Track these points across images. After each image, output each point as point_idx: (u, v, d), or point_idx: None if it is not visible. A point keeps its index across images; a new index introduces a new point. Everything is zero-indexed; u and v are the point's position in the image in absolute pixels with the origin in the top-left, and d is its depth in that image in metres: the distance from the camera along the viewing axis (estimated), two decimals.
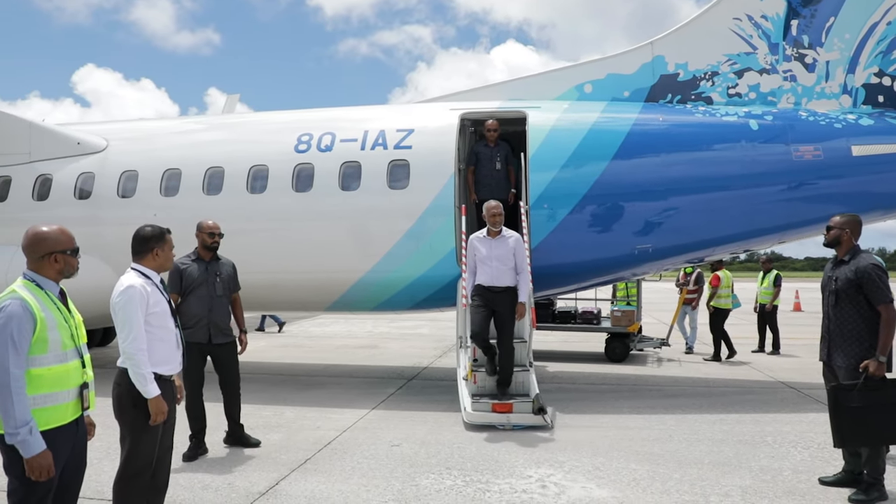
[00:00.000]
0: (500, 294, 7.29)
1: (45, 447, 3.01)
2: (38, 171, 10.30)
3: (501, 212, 7.45)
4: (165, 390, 3.95)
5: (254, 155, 9.55)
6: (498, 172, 9.05)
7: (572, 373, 10.82)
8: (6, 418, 2.96)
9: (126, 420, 3.90)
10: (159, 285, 4.06)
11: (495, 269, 7.28)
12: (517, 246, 7.35)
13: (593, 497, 4.97)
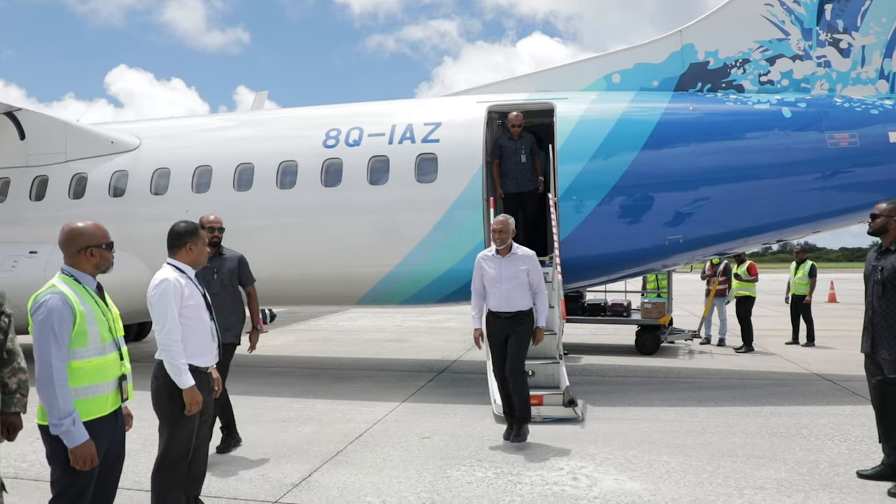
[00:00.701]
0: (510, 319, 6.38)
1: (87, 437, 3.08)
2: (73, 170, 10.51)
3: (506, 227, 6.43)
4: (201, 382, 4.02)
5: (283, 151, 9.64)
6: (523, 165, 8.95)
7: (602, 365, 10.76)
8: (50, 410, 3.03)
9: (163, 411, 3.98)
10: (194, 279, 4.13)
11: (505, 291, 6.38)
12: (531, 264, 6.45)
13: (625, 489, 4.95)
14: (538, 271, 6.49)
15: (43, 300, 3.10)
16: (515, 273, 6.38)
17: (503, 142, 9.05)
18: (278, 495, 4.93)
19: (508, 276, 6.38)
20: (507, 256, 6.47)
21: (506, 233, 6.43)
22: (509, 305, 6.38)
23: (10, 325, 2.88)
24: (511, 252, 6.48)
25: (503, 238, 6.41)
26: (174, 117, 12.16)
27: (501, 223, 6.42)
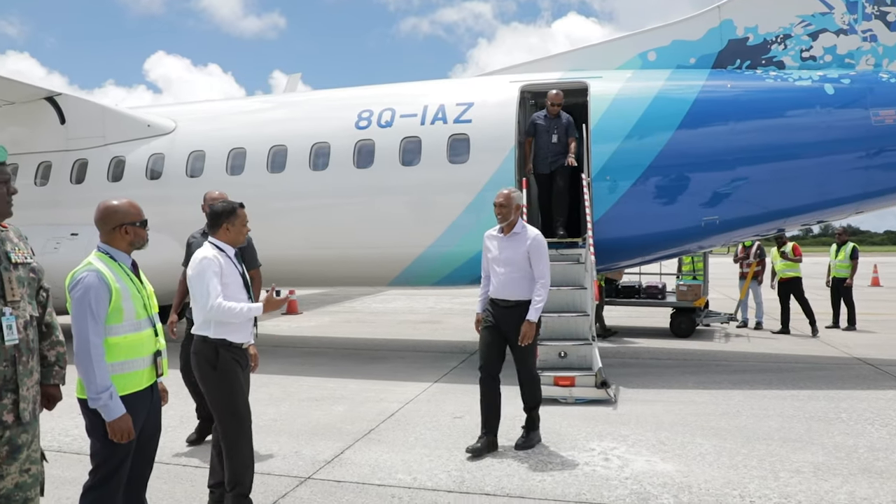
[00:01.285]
0: (509, 310, 5.51)
1: (125, 411, 3.15)
2: (112, 153, 10.71)
3: (508, 202, 5.54)
4: (239, 357, 4.10)
5: (315, 132, 9.68)
6: (555, 146, 8.74)
7: (636, 348, 10.67)
8: (88, 384, 3.11)
9: (210, 384, 4.07)
10: (234, 259, 4.18)
11: (502, 276, 5.54)
12: (534, 247, 5.49)
13: (657, 470, 4.91)
14: (541, 255, 5.50)
15: (80, 277, 3.17)
16: (515, 256, 5.50)
17: (538, 119, 8.86)
18: (311, 472, 5.01)
19: (507, 258, 5.54)
20: (508, 235, 5.60)
21: (507, 207, 5.55)
22: (506, 293, 5.52)
23: (48, 299, 2.96)
24: (513, 231, 5.60)
25: (504, 214, 5.55)
26: (209, 100, 12.30)
27: (503, 196, 5.57)
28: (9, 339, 2.58)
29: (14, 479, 2.66)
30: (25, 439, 2.69)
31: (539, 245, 5.53)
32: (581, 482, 4.71)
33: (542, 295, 5.46)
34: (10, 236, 2.78)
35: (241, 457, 4.08)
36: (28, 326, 2.69)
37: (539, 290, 5.46)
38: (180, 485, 4.78)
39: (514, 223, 5.61)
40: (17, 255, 2.74)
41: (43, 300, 2.92)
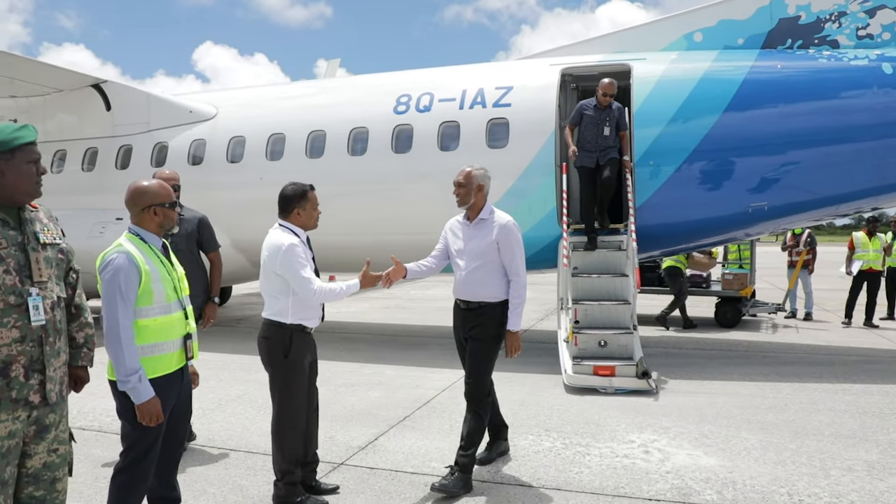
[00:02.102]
0: (471, 314, 4.54)
1: (153, 394, 3.14)
2: (155, 139, 10.85)
3: (469, 181, 4.53)
4: (307, 342, 4.12)
5: (354, 117, 9.65)
6: (605, 139, 8.20)
7: (679, 337, 10.42)
8: (117, 367, 3.10)
9: (277, 371, 4.07)
10: (305, 242, 4.17)
11: (465, 271, 4.54)
12: (503, 236, 4.44)
13: (700, 465, 4.74)
14: (512, 246, 4.47)
15: (109, 259, 3.16)
16: (481, 248, 4.48)
17: (586, 108, 8.27)
18: (345, 457, 4.98)
19: (471, 250, 4.53)
20: (474, 223, 4.59)
21: (466, 187, 4.52)
22: (468, 292, 4.55)
23: (78, 281, 2.95)
24: (479, 217, 4.57)
25: (462, 195, 4.55)
26: (249, 86, 12.37)
27: (463, 174, 4.57)
28: (35, 320, 2.57)
29: (42, 459, 2.67)
30: (53, 419, 2.69)
31: (509, 234, 4.47)
32: (620, 475, 4.57)
33: (520, 296, 4.50)
34: (39, 217, 2.77)
35: (287, 448, 4.07)
36: (55, 307, 2.67)
37: (516, 291, 4.49)
38: (214, 467, 4.79)
39: (479, 207, 4.57)
40: (46, 236, 2.73)
41: (72, 282, 2.91)
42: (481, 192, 4.58)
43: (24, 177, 2.62)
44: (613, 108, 8.22)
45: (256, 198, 9.79)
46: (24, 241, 2.63)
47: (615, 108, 8.23)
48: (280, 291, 4.05)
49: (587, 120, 8.22)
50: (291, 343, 4.04)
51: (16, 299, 2.54)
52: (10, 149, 2.58)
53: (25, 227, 2.66)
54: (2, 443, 2.51)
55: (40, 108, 11.50)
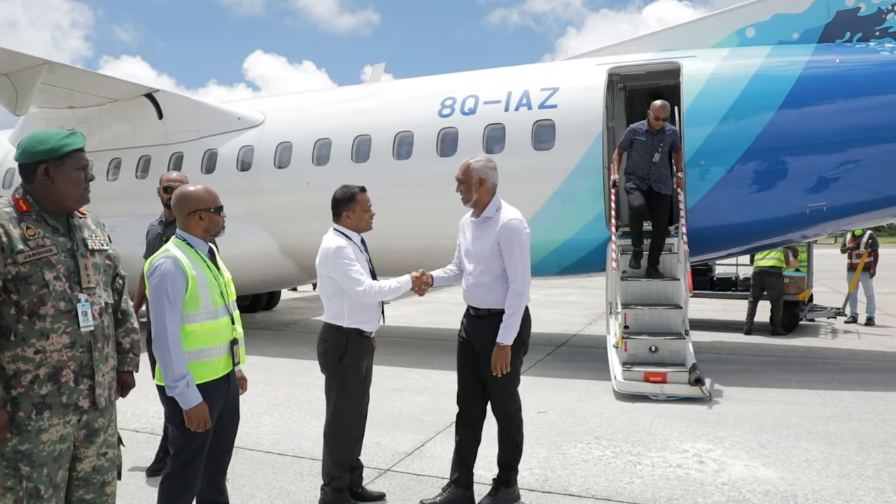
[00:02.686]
0: (480, 322, 4.16)
1: (201, 400, 3.15)
2: (205, 146, 11.05)
3: (468, 176, 4.13)
4: (364, 346, 4.10)
5: (399, 121, 9.65)
6: (657, 166, 7.85)
7: (733, 343, 10.11)
8: (165, 372, 3.13)
9: (333, 375, 4.07)
10: (359, 244, 4.17)
11: (470, 275, 4.18)
12: (504, 236, 4.00)
13: (759, 477, 4.55)
14: (512, 248, 3.98)
15: (157, 264, 3.19)
16: (484, 249, 4.06)
17: (637, 134, 7.92)
18: (391, 463, 4.94)
19: (476, 252, 4.12)
20: (479, 220, 4.17)
21: (466, 183, 4.12)
22: (475, 297, 4.17)
23: (124, 286, 2.98)
24: (484, 215, 4.14)
25: (464, 192, 4.16)
26: (296, 92, 12.51)
27: (462, 168, 4.18)
28: (84, 326, 2.59)
29: (91, 462, 2.69)
30: (102, 424, 2.71)
31: (511, 234, 3.98)
32: (673, 486, 4.42)
33: (514, 306, 3.98)
34: (87, 223, 2.80)
35: (338, 453, 4.05)
36: (103, 313, 2.70)
37: (510, 300, 3.98)
38: (261, 471, 4.81)
39: (483, 203, 4.13)
40: (94, 242, 2.75)
41: (119, 287, 2.93)
42: (484, 187, 4.11)
43: (73, 183, 2.64)
44: (666, 131, 7.88)
45: (303, 203, 9.87)
46: (73, 248, 2.65)
47: (668, 132, 7.89)
48: (334, 294, 4.06)
49: (638, 145, 7.90)
50: (347, 346, 4.02)
51: (66, 305, 2.56)
52: (59, 155, 2.61)
53: (74, 233, 2.69)
54: (53, 447, 2.54)
55: (96, 118, 11.82)
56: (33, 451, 2.49)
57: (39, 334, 2.51)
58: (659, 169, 7.86)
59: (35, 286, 2.51)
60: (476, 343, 4.18)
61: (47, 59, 9.53)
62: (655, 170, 7.85)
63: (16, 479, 2.47)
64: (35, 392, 2.50)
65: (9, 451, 2.47)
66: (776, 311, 10.89)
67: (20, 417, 2.48)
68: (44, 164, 2.60)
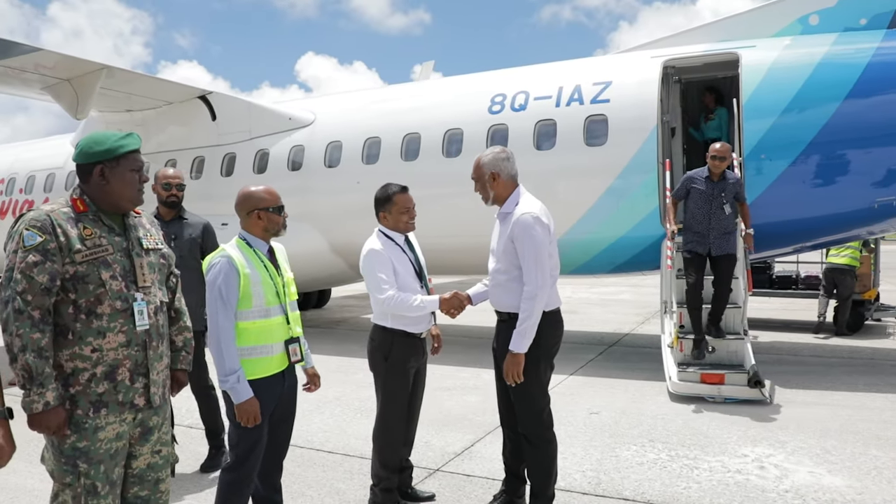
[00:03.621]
0: (501, 326, 3.90)
1: (251, 395, 3.18)
2: (257, 146, 11.21)
3: (476, 173, 3.88)
4: (413, 346, 4.02)
5: (448, 119, 9.60)
6: (719, 221, 6.83)
7: (794, 344, 9.74)
8: (218, 367, 3.18)
9: (378, 374, 4.05)
10: (402, 245, 4.06)
11: (492, 275, 3.93)
12: (516, 233, 3.66)
13: (824, 484, 4.34)
14: (524, 245, 3.63)
15: (213, 263, 3.25)
16: (501, 247, 3.79)
17: (695, 181, 6.95)
18: (440, 463, 4.90)
19: (496, 249, 3.86)
20: (499, 215, 3.92)
21: (479, 180, 3.87)
22: (495, 300, 3.92)
23: (178, 285, 3.00)
24: (502, 210, 3.86)
25: (480, 191, 3.92)
26: (345, 92, 12.60)
27: (473, 166, 3.90)
28: (140, 325, 2.62)
29: (146, 460, 2.72)
30: (156, 422, 2.73)
31: (523, 229, 3.62)
32: (732, 492, 4.26)
33: (527, 310, 3.60)
34: (142, 222, 2.83)
35: (383, 454, 4.02)
36: (158, 312, 2.72)
37: (523, 303, 3.62)
38: (312, 469, 4.83)
39: (502, 198, 3.83)
40: (149, 241, 2.78)
41: (173, 286, 2.96)
42: (498, 181, 3.79)
43: (127, 184, 2.67)
44: (729, 178, 6.92)
45: (353, 201, 9.91)
46: (128, 247, 2.68)
47: (731, 180, 6.92)
48: None
49: (696, 195, 6.93)
50: (393, 347, 3.95)
51: (122, 304, 2.59)
52: (115, 157, 2.63)
53: (130, 233, 2.72)
54: (110, 444, 2.57)
55: (153, 121, 12.13)
56: (91, 449, 2.52)
57: (96, 333, 2.54)
58: (721, 223, 6.82)
59: (92, 285, 2.54)
60: (499, 350, 3.85)
61: (105, 64, 9.80)
62: (717, 224, 6.81)
63: (74, 475, 2.52)
64: (92, 390, 2.54)
65: (67, 449, 2.52)
66: (843, 311, 10.45)
67: (78, 415, 2.52)
68: (100, 165, 2.63)
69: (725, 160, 6.82)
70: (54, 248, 2.48)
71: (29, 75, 9.79)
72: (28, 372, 2.42)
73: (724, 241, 6.84)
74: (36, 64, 9.42)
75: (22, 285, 2.44)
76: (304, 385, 3.65)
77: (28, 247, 2.46)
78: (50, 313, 2.50)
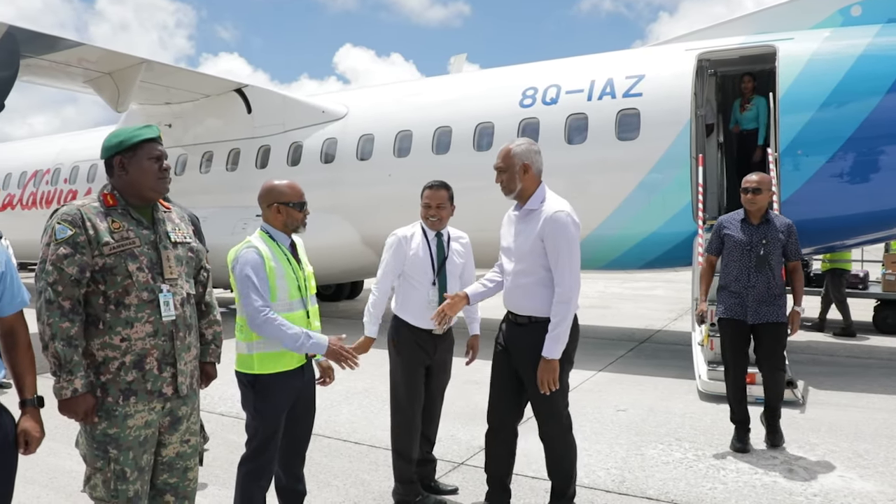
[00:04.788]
0: (521, 331, 3.66)
1: (327, 339, 3.27)
2: (291, 139, 11.35)
3: (506, 162, 3.61)
4: (424, 340, 4.09)
5: (479, 113, 9.60)
6: (763, 279, 4.98)
7: (830, 344, 9.55)
8: (285, 342, 3.21)
9: (389, 360, 4.15)
10: (429, 238, 4.13)
11: (510, 276, 3.67)
12: (548, 232, 3.45)
13: (854, 489, 4.27)
14: (558, 246, 3.43)
15: (239, 255, 3.31)
16: (526, 246, 3.54)
17: (729, 227, 5.21)
18: (465, 457, 4.94)
19: (517, 249, 3.62)
20: (522, 213, 3.64)
21: (508, 171, 3.59)
22: (514, 303, 3.69)
23: (209, 279, 3.08)
24: (527, 207, 3.60)
25: (505, 181, 3.62)
26: (378, 85, 12.65)
27: (501, 154, 3.67)
28: (166, 315, 2.68)
29: (175, 449, 2.80)
30: (185, 412, 2.81)
31: (557, 228, 3.43)
32: (759, 494, 4.21)
33: (561, 314, 3.43)
34: (171, 217, 2.90)
35: (395, 443, 4.08)
36: (185, 303, 2.79)
37: (556, 307, 3.44)
38: (338, 459, 4.90)
39: (528, 193, 3.59)
40: (177, 235, 2.85)
41: (203, 280, 3.03)
42: (529, 174, 3.56)
43: (145, 173, 2.73)
44: (774, 222, 5.10)
45: (385, 194, 9.99)
46: (156, 240, 2.75)
47: (778, 225, 5.09)
48: None
49: (731, 244, 5.16)
50: (399, 334, 4.07)
51: (148, 295, 2.66)
52: (131, 146, 2.71)
53: (158, 226, 2.79)
54: (139, 432, 2.65)
55: (191, 113, 12.35)
56: (120, 436, 2.61)
57: (125, 323, 2.62)
58: (763, 283, 5.00)
59: (120, 277, 2.62)
60: (516, 355, 3.67)
61: (145, 58, 10.01)
62: (758, 283, 5.01)
63: (104, 460, 2.61)
64: (122, 378, 2.62)
65: (99, 434, 2.61)
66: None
67: (108, 403, 2.60)
68: (118, 157, 2.72)
69: (762, 193, 5.04)
70: (83, 241, 2.57)
71: (72, 69, 10.06)
72: (58, 359, 2.52)
73: (767, 307, 5.02)
74: (79, 58, 9.68)
75: (53, 276, 2.54)
76: (318, 379, 3.66)
77: (59, 240, 2.56)
78: (80, 303, 2.58)
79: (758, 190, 5.05)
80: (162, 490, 2.80)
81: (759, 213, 5.11)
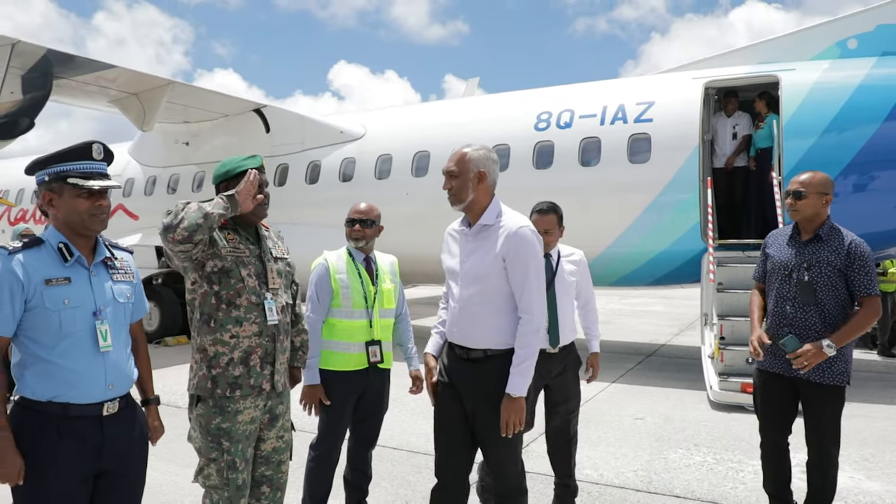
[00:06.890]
0: (470, 367, 3.06)
1: (317, 382, 3.77)
2: (309, 158, 11.72)
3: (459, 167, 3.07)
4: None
5: (495, 135, 9.97)
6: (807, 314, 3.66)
7: None
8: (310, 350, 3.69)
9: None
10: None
11: (459, 302, 3.09)
12: (511, 250, 2.98)
13: (863, 489, 4.65)
14: (526, 266, 2.97)
15: (315, 267, 3.88)
16: (482, 267, 3.02)
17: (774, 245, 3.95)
18: None
19: (469, 271, 3.07)
20: (474, 229, 3.12)
21: (461, 178, 3.07)
22: (464, 335, 3.08)
23: (297, 292, 3.44)
24: (481, 222, 3.10)
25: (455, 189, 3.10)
26: (394, 106, 13.07)
27: (455, 158, 3.12)
28: (270, 320, 3.05)
29: (272, 444, 3.15)
30: (281, 409, 3.17)
31: (521, 246, 2.97)
32: None
33: (529, 345, 2.93)
34: (271, 235, 3.29)
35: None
36: (284, 311, 3.16)
37: (523, 338, 2.93)
38: (382, 463, 5.21)
39: (481, 207, 3.10)
40: (277, 251, 3.25)
41: (294, 292, 3.40)
42: (483, 184, 3.08)
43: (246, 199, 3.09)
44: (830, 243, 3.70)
45: (402, 212, 10.32)
46: (261, 254, 3.13)
47: (836, 245, 3.67)
48: None
49: (771, 267, 3.91)
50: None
51: (256, 299, 3.04)
52: (234, 175, 3.10)
53: (262, 243, 3.18)
54: (246, 427, 3.00)
55: (208, 132, 12.71)
56: (232, 429, 2.95)
57: (235, 322, 2.99)
58: (806, 318, 3.69)
59: (234, 279, 2.99)
60: (466, 395, 3.06)
61: (171, 80, 10.39)
62: (795, 319, 3.71)
63: (219, 451, 2.95)
64: (230, 373, 2.97)
65: (213, 428, 2.95)
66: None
67: (218, 395, 2.95)
68: (224, 183, 3.11)
69: (807, 198, 3.68)
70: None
71: (101, 89, 10.42)
72: None
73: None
74: (109, 79, 10.03)
75: None
76: (411, 388, 4.14)
77: None
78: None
79: (799, 194, 3.68)
80: (259, 481, 3.15)
81: (810, 225, 3.72)
